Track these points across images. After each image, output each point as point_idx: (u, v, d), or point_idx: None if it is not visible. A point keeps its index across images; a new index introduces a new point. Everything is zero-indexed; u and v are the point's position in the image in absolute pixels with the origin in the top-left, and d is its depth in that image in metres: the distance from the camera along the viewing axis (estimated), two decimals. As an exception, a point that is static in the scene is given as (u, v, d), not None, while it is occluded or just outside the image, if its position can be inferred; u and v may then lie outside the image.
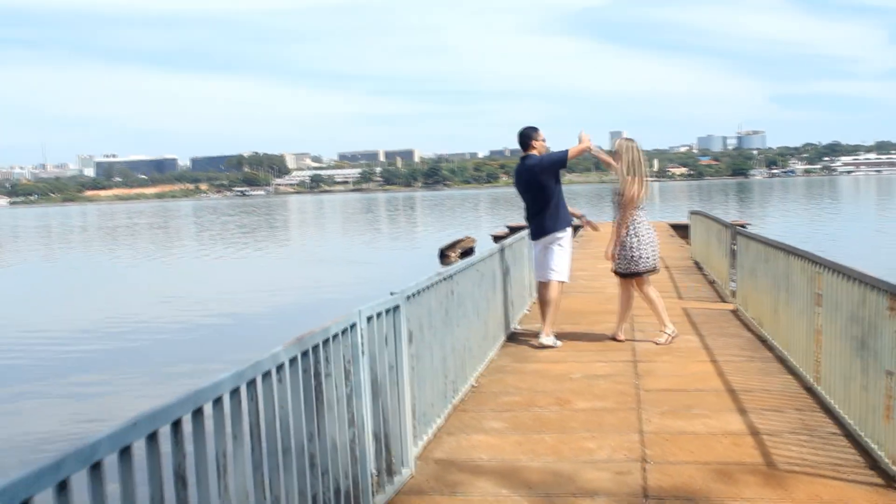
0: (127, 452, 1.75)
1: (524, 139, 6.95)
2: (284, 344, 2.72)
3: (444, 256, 24.28)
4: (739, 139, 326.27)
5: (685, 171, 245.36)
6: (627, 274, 6.96)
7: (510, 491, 3.74)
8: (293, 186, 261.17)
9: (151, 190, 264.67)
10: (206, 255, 32.12)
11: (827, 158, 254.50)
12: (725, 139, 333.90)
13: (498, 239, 17.44)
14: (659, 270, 7.16)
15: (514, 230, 22.02)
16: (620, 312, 7.17)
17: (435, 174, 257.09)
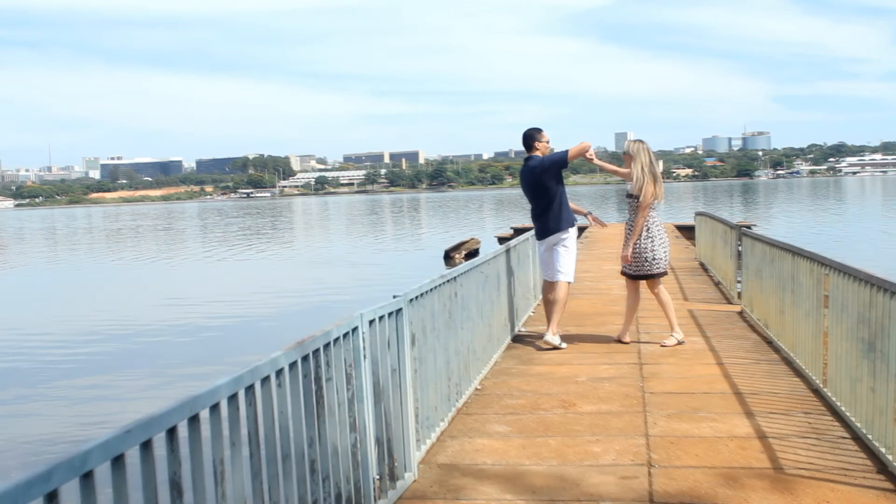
0: (120, 461, 1.70)
1: (528, 140, 6.98)
2: (284, 348, 2.68)
3: (448, 258, 24.26)
4: (744, 140, 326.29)
5: (690, 172, 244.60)
6: (639, 276, 6.89)
7: (514, 496, 3.69)
8: (298, 188, 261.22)
9: (156, 192, 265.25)
10: (210, 257, 32.12)
11: (832, 159, 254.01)
12: (730, 140, 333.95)
13: (503, 240, 17.41)
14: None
15: (518, 231, 22.00)
16: (627, 315, 7.11)
17: (440, 176, 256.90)
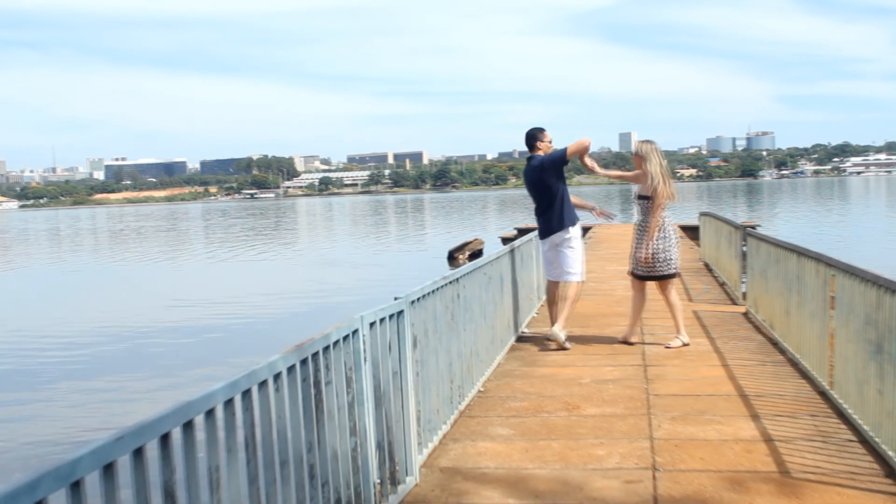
0: (111, 469, 1.66)
1: (530, 140, 6.98)
2: (282, 352, 2.64)
3: (452, 258, 24.22)
4: (749, 140, 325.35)
5: (694, 172, 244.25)
6: (650, 277, 6.81)
7: (517, 500, 3.65)
8: (302, 189, 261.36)
9: (161, 193, 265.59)
10: (213, 258, 32.13)
11: (836, 159, 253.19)
12: (735, 140, 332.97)
13: (506, 241, 17.37)
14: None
15: (522, 232, 21.95)
16: (633, 316, 7.04)
17: (444, 176, 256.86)
